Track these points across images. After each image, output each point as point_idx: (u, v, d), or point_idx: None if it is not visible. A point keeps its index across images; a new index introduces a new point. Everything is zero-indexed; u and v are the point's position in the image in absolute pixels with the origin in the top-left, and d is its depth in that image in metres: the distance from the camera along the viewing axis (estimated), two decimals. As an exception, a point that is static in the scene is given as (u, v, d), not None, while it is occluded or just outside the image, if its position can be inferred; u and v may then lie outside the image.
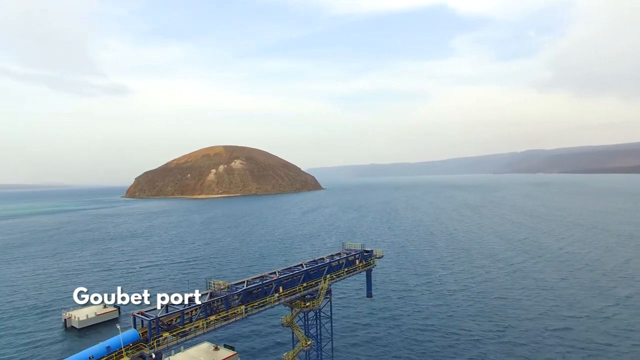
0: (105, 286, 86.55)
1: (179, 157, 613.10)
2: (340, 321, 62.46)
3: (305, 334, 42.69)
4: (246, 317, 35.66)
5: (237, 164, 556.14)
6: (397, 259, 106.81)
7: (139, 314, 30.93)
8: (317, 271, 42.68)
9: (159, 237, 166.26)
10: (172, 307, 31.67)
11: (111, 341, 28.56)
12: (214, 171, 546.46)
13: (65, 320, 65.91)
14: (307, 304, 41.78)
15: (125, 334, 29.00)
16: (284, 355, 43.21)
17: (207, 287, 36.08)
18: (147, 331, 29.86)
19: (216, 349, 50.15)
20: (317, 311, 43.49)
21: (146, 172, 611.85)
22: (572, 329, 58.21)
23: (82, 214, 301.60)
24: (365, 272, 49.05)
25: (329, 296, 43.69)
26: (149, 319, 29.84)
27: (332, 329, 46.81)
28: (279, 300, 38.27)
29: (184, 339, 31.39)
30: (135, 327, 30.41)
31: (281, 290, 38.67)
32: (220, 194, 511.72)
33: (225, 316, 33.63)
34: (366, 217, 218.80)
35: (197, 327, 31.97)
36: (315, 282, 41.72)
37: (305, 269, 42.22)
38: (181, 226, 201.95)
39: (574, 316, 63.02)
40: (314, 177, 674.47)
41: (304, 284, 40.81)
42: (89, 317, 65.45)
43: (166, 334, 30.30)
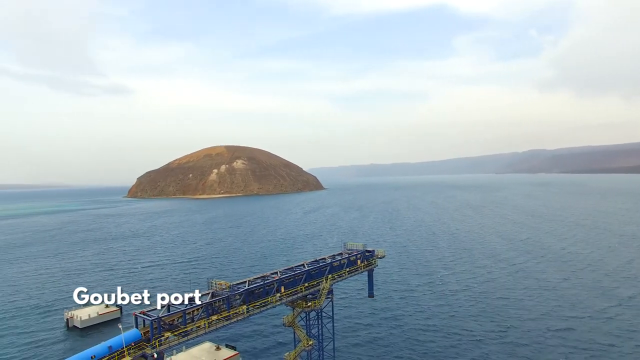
0: (106, 286, 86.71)
1: (181, 157, 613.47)
2: (342, 321, 62.43)
3: (306, 334, 42.62)
4: (248, 317, 35.64)
5: (239, 164, 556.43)
6: (399, 259, 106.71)
7: (140, 313, 30.95)
8: (318, 271, 42.61)
9: (160, 237, 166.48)
10: (173, 307, 31.67)
11: (113, 341, 28.55)
12: (215, 171, 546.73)
13: (67, 319, 66.05)
14: (308, 304, 41.74)
15: (127, 334, 29.00)
16: (286, 355, 43.15)
17: (209, 287, 36.04)
18: (149, 331, 29.87)
19: (218, 348, 50.18)
20: (319, 311, 43.39)
21: (148, 172, 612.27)
22: (575, 329, 58.03)
23: (84, 214, 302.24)
24: (366, 272, 48.90)
25: (330, 296, 43.61)
26: (151, 319, 29.86)
27: (333, 329, 46.76)
28: (280, 300, 38.23)
29: (186, 338, 31.35)
30: (137, 327, 30.42)
31: (283, 290, 38.62)
32: (222, 194, 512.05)
33: (227, 316, 33.60)
34: (368, 217, 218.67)
35: (199, 326, 31.94)
36: (316, 282, 41.65)
37: (306, 268, 42.15)
38: (183, 226, 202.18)
39: (577, 316, 62.82)
40: (315, 177, 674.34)
41: (306, 284, 40.74)
42: (91, 316, 65.55)
43: (168, 334, 30.28)
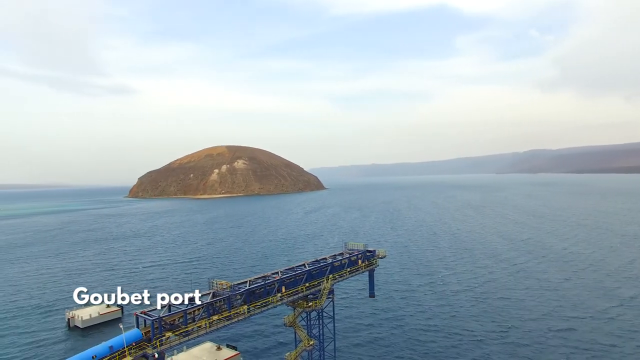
0: (107, 286, 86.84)
1: (182, 157, 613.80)
2: (342, 321, 62.38)
3: (307, 334, 42.60)
4: (249, 317, 35.63)
5: (239, 164, 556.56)
6: (400, 259, 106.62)
7: (141, 313, 30.97)
8: (319, 271, 42.59)
9: (161, 237, 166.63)
10: (174, 307, 31.69)
11: (114, 341, 28.56)
12: (216, 171, 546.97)
13: (68, 319, 66.14)
14: (309, 304, 41.71)
15: (128, 334, 29.00)
16: (287, 355, 43.12)
17: (210, 286, 36.06)
18: (149, 331, 29.88)
19: (219, 348, 50.19)
20: (320, 311, 43.37)
21: (149, 172, 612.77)
22: (576, 329, 57.91)
23: (85, 214, 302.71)
24: (367, 272, 48.89)
25: (331, 296, 43.59)
26: (152, 319, 29.88)
27: (334, 329, 46.76)
28: (281, 300, 38.21)
29: (187, 338, 31.37)
30: (138, 327, 30.43)
31: (284, 290, 38.60)
32: (223, 194, 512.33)
33: (227, 316, 33.61)
34: (369, 217, 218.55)
35: (200, 326, 31.96)
36: (317, 282, 41.61)
37: (307, 269, 42.13)
38: (184, 226, 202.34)
39: (578, 317, 62.70)
40: (316, 177, 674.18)
41: (307, 284, 40.71)
42: (92, 316, 65.62)
43: (169, 334, 30.31)
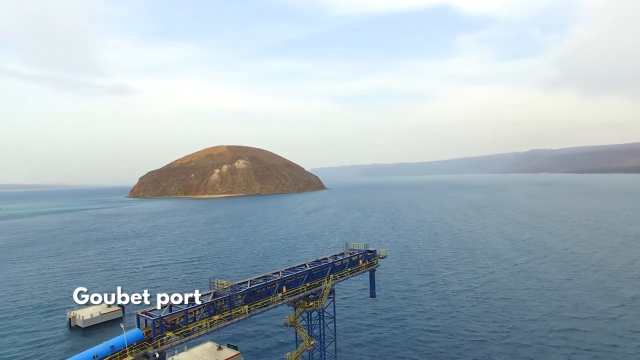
0: (108, 286, 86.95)
1: (183, 157, 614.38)
2: (343, 321, 62.35)
3: (308, 334, 42.58)
4: (249, 317, 35.62)
5: (240, 164, 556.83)
6: (401, 259, 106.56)
7: (142, 313, 31.00)
8: (320, 271, 42.58)
9: (162, 237, 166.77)
10: (175, 307, 31.70)
11: (115, 340, 28.58)
12: (217, 171, 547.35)
13: (69, 319, 66.20)
14: (310, 304, 41.69)
15: (129, 334, 29.02)
16: (287, 355, 43.11)
17: (211, 286, 36.08)
18: (150, 330, 29.89)
19: (219, 348, 50.18)
20: (321, 311, 43.38)
21: (150, 172, 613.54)
22: (577, 330, 57.81)
23: (86, 214, 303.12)
24: (368, 272, 48.89)
25: (332, 296, 43.57)
26: (153, 319, 29.89)
27: (335, 329, 46.76)
28: (282, 300, 38.20)
29: (188, 338, 31.38)
30: (139, 327, 30.46)
31: (284, 290, 38.60)
32: (223, 194, 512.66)
33: (228, 316, 33.60)
34: (370, 217, 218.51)
35: (201, 326, 31.97)
36: (318, 282, 41.61)
37: (308, 268, 42.13)
38: (185, 226, 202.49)
39: (579, 317, 62.59)
40: (317, 177, 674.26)
41: (308, 284, 40.71)
42: (93, 316, 65.70)
43: (170, 334, 30.33)
